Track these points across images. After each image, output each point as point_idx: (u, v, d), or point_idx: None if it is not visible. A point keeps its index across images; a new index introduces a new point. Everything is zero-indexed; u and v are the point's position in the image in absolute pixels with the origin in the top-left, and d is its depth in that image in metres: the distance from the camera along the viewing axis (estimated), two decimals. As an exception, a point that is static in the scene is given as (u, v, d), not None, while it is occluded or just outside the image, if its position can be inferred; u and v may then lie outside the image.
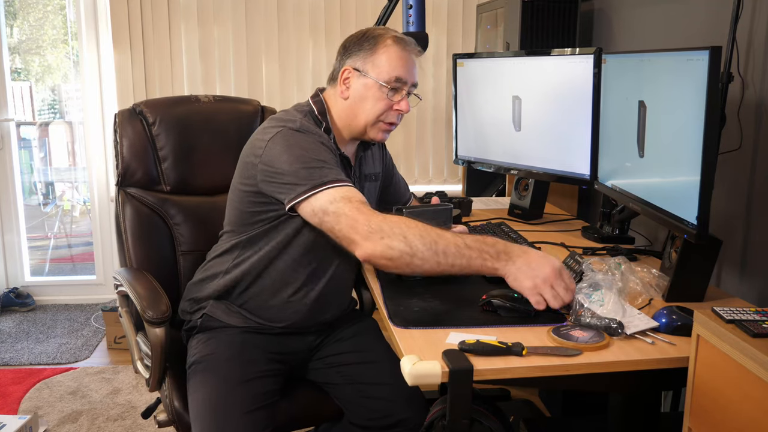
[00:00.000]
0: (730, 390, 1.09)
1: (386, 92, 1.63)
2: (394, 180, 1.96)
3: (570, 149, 2.12)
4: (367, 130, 1.67)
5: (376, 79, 1.63)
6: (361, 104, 1.64)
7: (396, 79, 1.63)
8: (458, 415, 1.20)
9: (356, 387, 1.68)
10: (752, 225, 1.81)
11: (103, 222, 3.83)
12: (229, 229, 1.73)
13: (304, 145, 1.55)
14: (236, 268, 1.69)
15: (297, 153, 1.52)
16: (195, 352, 1.67)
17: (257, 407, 1.53)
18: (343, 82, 1.66)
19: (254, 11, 3.55)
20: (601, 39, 2.68)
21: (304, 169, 1.49)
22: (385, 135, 1.70)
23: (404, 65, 1.64)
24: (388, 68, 1.62)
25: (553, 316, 1.44)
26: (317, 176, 1.48)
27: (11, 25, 4.43)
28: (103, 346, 3.33)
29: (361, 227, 1.39)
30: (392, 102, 1.65)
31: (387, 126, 1.68)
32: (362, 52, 1.64)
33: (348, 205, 1.42)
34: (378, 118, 1.65)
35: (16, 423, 2.35)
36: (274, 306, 1.68)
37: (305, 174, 1.48)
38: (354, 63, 1.65)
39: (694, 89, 1.43)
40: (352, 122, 1.67)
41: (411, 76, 1.66)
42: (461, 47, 3.61)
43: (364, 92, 1.64)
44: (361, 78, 1.64)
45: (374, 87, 1.63)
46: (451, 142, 3.49)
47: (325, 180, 1.48)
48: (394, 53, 1.63)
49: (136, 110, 1.99)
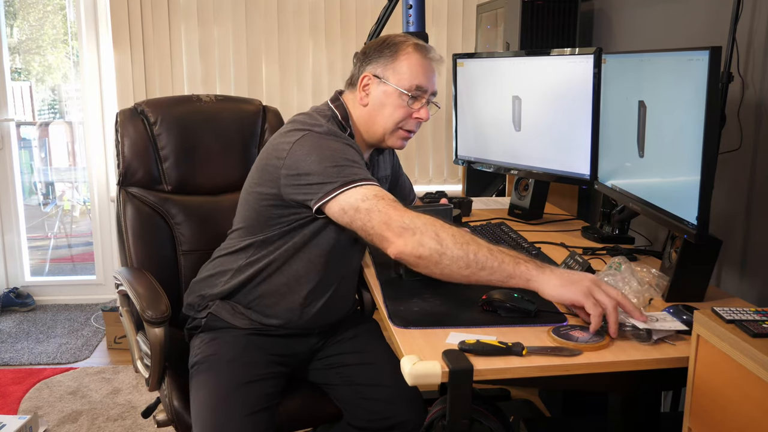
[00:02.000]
0: (730, 390, 1.09)
1: (406, 100, 1.62)
2: (400, 181, 1.96)
3: (570, 149, 2.12)
4: (385, 138, 1.67)
5: (396, 86, 1.62)
6: (381, 111, 1.64)
7: (417, 87, 1.62)
8: (458, 415, 1.20)
9: (355, 388, 1.68)
10: (752, 225, 1.81)
11: (103, 222, 3.83)
12: (242, 227, 1.70)
13: (333, 146, 1.53)
14: (250, 266, 1.66)
15: (326, 153, 1.50)
16: (198, 351, 1.67)
17: (258, 409, 1.53)
18: (363, 89, 1.66)
19: (254, 11, 3.55)
20: (601, 39, 2.68)
21: (334, 168, 1.46)
22: (404, 143, 1.69)
23: (425, 73, 1.63)
24: (409, 76, 1.62)
25: (553, 316, 1.44)
26: (348, 174, 1.46)
27: (11, 25, 4.43)
28: (103, 346, 3.33)
29: (394, 224, 1.37)
30: (412, 110, 1.64)
31: (405, 134, 1.67)
32: (383, 59, 1.64)
33: (381, 202, 1.41)
34: (397, 125, 1.65)
35: (16, 423, 2.35)
36: (284, 307, 1.67)
37: (334, 172, 1.46)
38: (374, 70, 1.64)
39: (694, 89, 1.43)
40: (370, 129, 1.67)
41: (431, 84, 1.66)
42: (461, 47, 3.61)
43: (384, 99, 1.63)
44: (381, 85, 1.63)
45: (394, 94, 1.62)
46: (451, 142, 3.49)
47: (356, 178, 1.45)
48: (415, 61, 1.63)
49: (137, 110, 1.99)
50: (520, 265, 1.33)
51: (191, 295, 1.79)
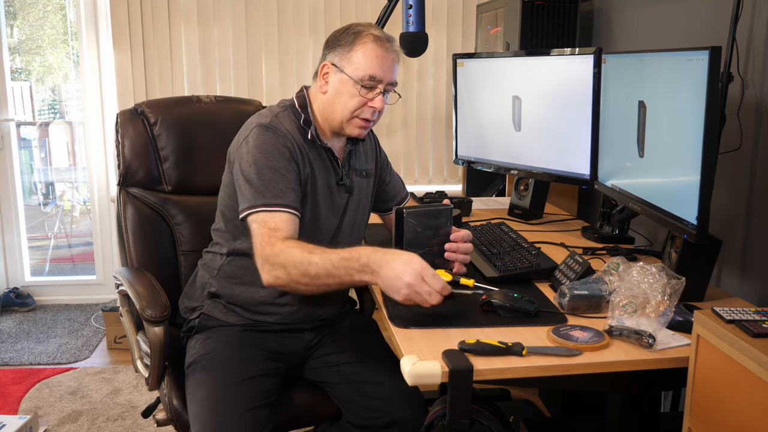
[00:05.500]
0: (730, 390, 1.09)
1: (359, 89, 1.63)
2: (388, 179, 1.95)
3: (570, 149, 2.12)
4: (343, 126, 1.68)
5: (350, 75, 1.63)
6: (338, 99, 1.65)
7: (370, 77, 1.63)
8: (458, 415, 1.20)
9: (354, 386, 1.68)
10: (752, 225, 1.81)
11: (103, 222, 3.83)
12: (216, 226, 1.78)
13: (267, 147, 1.60)
14: (227, 261, 1.72)
15: (257, 157, 1.59)
16: (193, 352, 1.67)
17: (257, 405, 1.54)
18: (323, 77, 1.68)
19: (254, 11, 3.55)
20: (601, 39, 2.68)
21: (258, 181, 1.57)
22: (362, 131, 1.70)
23: (380, 63, 1.63)
24: (363, 65, 1.62)
25: (553, 316, 1.44)
26: (265, 191, 1.56)
27: (11, 25, 4.43)
28: (103, 346, 3.33)
29: (258, 257, 1.52)
30: (366, 99, 1.65)
31: (362, 122, 1.68)
32: (340, 48, 1.65)
33: (267, 234, 1.53)
34: (352, 114, 1.66)
35: (16, 423, 2.36)
36: (265, 300, 1.68)
37: (255, 188, 1.57)
38: (333, 58, 1.66)
39: (694, 89, 1.43)
40: (329, 116, 1.69)
41: (387, 75, 1.65)
42: (461, 47, 3.61)
43: (340, 88, 1.65)
44: (338, 74, 1.65)
45: (349, 83, 1.63)
46: (451, 142, 3.49)
47: (265, 201, 1.55)
48: (370, 51, 1.63)
49: (137, 110, 1.99)
50: (354, 276, 1.43)
51: (185, 299, 1.81)
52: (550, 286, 1.64)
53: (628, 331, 1.31)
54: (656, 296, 1.37)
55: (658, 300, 1.37)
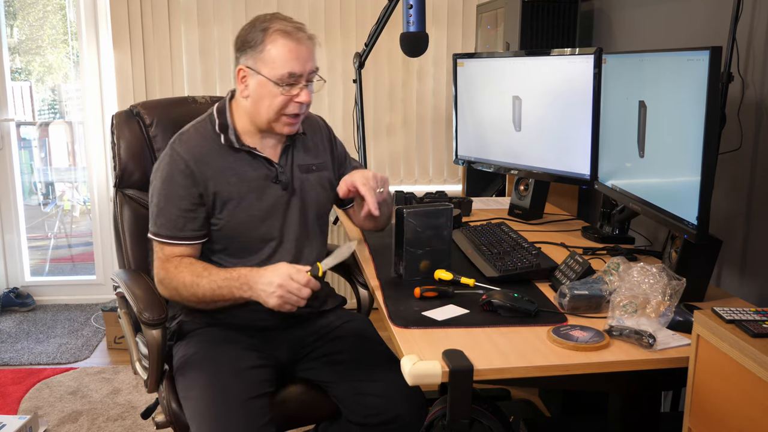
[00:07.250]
0: (730, 390, 1.09)
1: (281, 89, 1.60)
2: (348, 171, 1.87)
3: (570, 149, 2.12)
4: (271, 125, 1.66)
5: (268, 77, 1.59)
6: (261, 102, 1.63)
7: (289, 74, 1.59)
8: (458, 415, 1.20)
9: (352, 384, 1.68)
10: (752, 225, 1.81)
11: (103, 222, 3.83)
12: None
13: (164, 176, 1.67)
14: None
15: (156, 185, 1.68)
16: (178, 357, 1.67)
17: (252, 396, 1.54)
18: (241, 81, 1.65)
19: (254, 11, 3.52)
20: (601, 39, 2.68)
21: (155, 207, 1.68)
22: (292, 127, 1.67)
23: (296, 58, 1.59)
24: (278, 64, 1.58)
25: (553, 316, 1.44)
26: (155, 224, 1.67)
27: (11, 25, 4.43)
28: (103, 346, 3.33)
29: (155, 277, 1.68)
30: (290, 96, 1.62)
31: (290, 119, 1.65)
32: (251, 50, 1.61)
33: (158, 255, 1.67)
34: (278, 113, 1.63)
35: (16, 423, 2.35)
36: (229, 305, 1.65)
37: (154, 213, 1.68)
38: (246, 62, 1.63)
39: (694, 89, 1.43)
40: (256, 119, 1.66)
41: (306, 67, 1.61)
42: (461, 47, 3.61)
43: (260, 90, 1.62)
44: (255, 76, 1.61)
45: (268, 85, 1.60)
46: (451, 142, 3.48)
47: (156, 231, 1.67)
48: (282, 47, 1.59)
49: (133, 111, 1.99)
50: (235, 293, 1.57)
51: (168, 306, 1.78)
52: (551, 286, 1.64)
53: (628, 331, 1.30)
54: (656, 296, 1.37)
55: (658, 300, 1.37)
